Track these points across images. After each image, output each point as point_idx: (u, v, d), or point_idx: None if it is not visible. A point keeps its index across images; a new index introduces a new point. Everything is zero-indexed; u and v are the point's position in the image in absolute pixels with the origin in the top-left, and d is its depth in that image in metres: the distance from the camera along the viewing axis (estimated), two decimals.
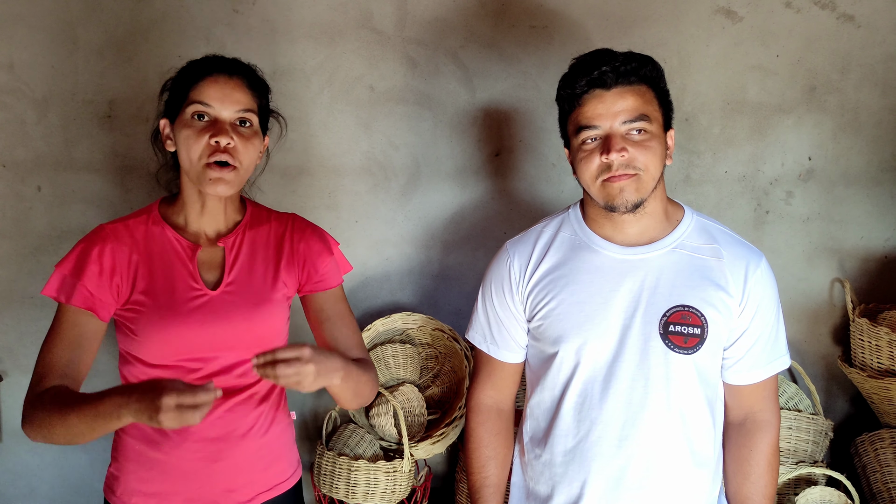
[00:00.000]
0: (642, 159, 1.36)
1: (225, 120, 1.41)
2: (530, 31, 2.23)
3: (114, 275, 1.40)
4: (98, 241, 1.42)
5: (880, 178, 2.31)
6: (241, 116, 1.43)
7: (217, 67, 1.44)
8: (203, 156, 1.40)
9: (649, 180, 1.38)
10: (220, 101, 1.41)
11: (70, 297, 1.38)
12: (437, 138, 2.28)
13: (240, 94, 1.43)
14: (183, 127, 1.42)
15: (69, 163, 2.23)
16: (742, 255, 1.44)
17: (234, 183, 1.43)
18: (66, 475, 2.40)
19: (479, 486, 1.58)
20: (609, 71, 1.35)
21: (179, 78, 1.47)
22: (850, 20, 2.23)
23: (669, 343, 1.40)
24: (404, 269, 2.36)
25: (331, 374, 1.32)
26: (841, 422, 2.44)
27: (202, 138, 1.39)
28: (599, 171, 1.38)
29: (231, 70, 1.44)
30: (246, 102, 1.44)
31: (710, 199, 2.32)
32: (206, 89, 1.41)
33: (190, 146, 1.40)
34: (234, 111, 1.42)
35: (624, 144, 1.35)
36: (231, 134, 1.40)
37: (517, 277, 1.51)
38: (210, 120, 1.41)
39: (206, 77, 1.42)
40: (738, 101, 2.27)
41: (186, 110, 1.42)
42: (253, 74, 1.49)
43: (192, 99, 1.42)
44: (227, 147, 1.40)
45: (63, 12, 2.15)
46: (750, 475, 1.49)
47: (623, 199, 1.37)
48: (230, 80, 1.43)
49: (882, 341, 2.17)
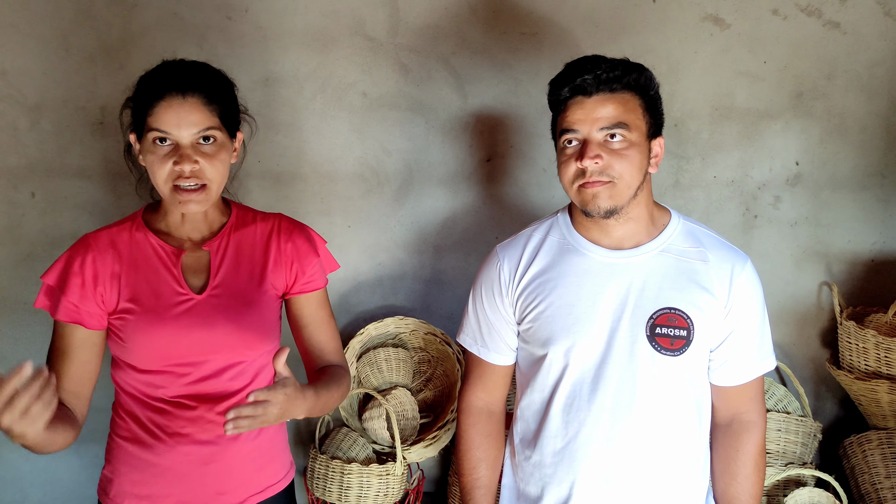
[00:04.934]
0: (618, 167, 1.37)
1: (186, 144, 1.37)
2: (521, 37, 2.25)
3: (97, 284, 1.41)
4: (80, 251, 1.42)
5: (866, 183, 2.34)
6: (203, 135, 1.39)
7: (168, 86, 1.37)
8: (168, 180, 1.38)
9: (624, 188, 1.39)
10: (176, 126, 1.36)
11: (55, 312, 1.40)
12: (429, 144, 2.30)
13: (197, 115, 1.37)
14: (147, 152, 1.40)
15: (62, 169, 2.23)
16: (727, 258, 1.46)
17: (206, 200, 1.42)
18: (58, 481, 2.40)
19: (470, 487, 1.59)
20: (590, 78, 1.37)
21: (137, 96, 1.42)
22: (836, 27, 2.26)
23: (656, 345, 1.41)
24: (397, 274, 2.38)
25: (294, 414, 1.33)
26: (829, 424, 2.46)
27: (166, 164, 1.37)
28: (575, 176, 1.40)
29: (184, 87, 1.37)
30: (204, 121, 1.38)
31: (700, 203, 2.35)
32: (161, 115, 1.36)
33: (155, 171, 1.39)
34: (193, 133, 1.37)
35: (599, 151, 1.37)
36: (194, 158, 1.37)
37: (507, 280, 1.53)
38: (171, 143, 1.38)
39: (160, 101, 1.37)
40: (727, 106, 2.30)
41: (148, 136, 1.38)
42: (209, 85, 1.42)
43: (150, 125, 1.37)
44: (193, 171, 1.38)
45: (55, 19, 2.16)
46: (737, 475, 1.51)
47: (595, 205, 1.39)
48: (184, 101, 1.37)
49: (869, 344, 2.19)
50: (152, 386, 1.44)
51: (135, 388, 1.45)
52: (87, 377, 1.43)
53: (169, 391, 1.44)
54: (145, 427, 1.45)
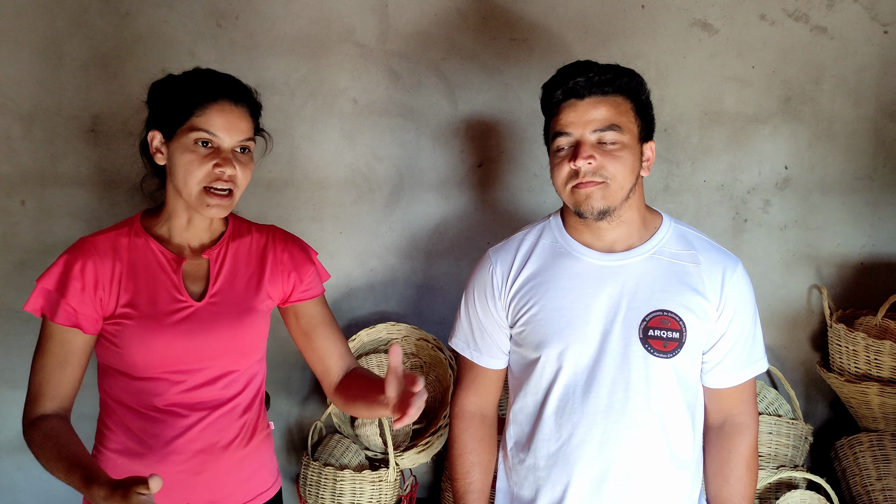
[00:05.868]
0: (611, 168, 1.39)
1: (227, 148, 1.41)
2: (511, 43, 2.27)
3: (97, 289, 1.40)
4: (80, 255, 1.41)
5: (855, 187, 2.36)
6: (243, 144, 1.43)
7: (223, 93, 1.41)
8: (203, 181, 1.39)
9: (617, 189, 1.41)
10: (226, 130, 1.39)
11: (54, 315, 1.38)
12: (420, 150, 2.31)
13: (244, 124, 1.42)
14: (185, 151, 1.39)
15: (54, 177, 2.24)
16: (719, 261, 1.47)
17: (230, 206, 1.43)
18: (51, 490, 2.39)
19: (463, 491, 1.60)
20: (583, 81, 1.39)
21: (179, 94, 1.42)
22: (823, 32, 2.28)
23: (649, 347, 1.42)
24: (388, 280, 2.38)
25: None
26: (820, 426, 2.47)
27: (205, 165, 1.39)
28: (569, 177, 1.42)
29: (237, 97, 1.42)
30: (248, 131, 1.43)
31: (690, 207, 2.36)
32: (213, 118, 1.39)
33: (192, 171, 1.39)
34: (237, 140, 1.41)
35: (592, 152, 1.39)
36: (234, 163, 1.40)
37: (499, 284, 1.53)
38: (213, 147, 1.40)
39: (212, 103, 1.39)
40: (716, 111, 2.32)
41: (189, 135, 1.39)
42: (254, 100, 1.47)
43: (196, 126, 1.38)
44: (231, 176, 1.40)
45: (48, 28, 2.17)
46: (729, 477, 1.52)
47: (589, 206, 1.41)
48: (236, 108, 1.41)
49: (859, 346, 2.20)
50: (145, 394, 1.43)
51: (126, 396, 1.44)
52: (79, 382, 1.43)
53: (162, 399, 1.43)
54: (137, 437, 1.45)
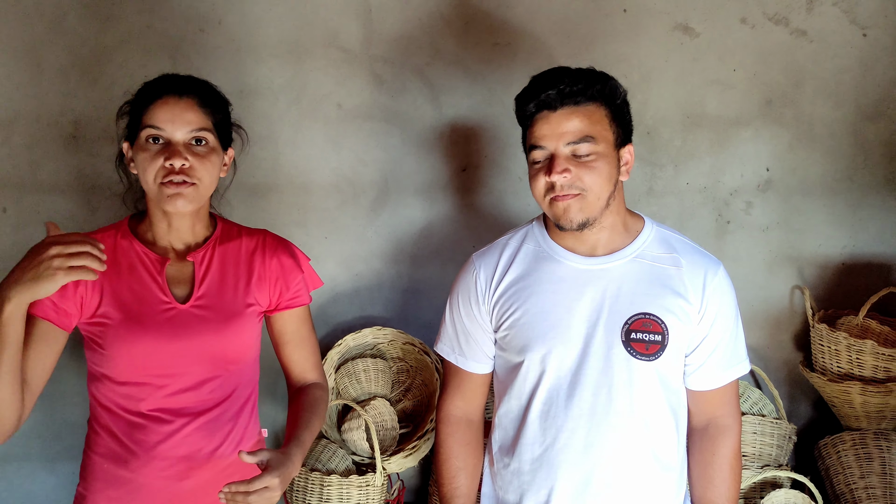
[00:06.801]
0: (587, 179, 1.39)
1: (178, 141, 1.42)
2: (494, 48, 2.27)
3: (78, 285, 1.40)
4: None
5: (836, 188, 2.38)
6: (196, 136, 1.43)
7: (167, 89, 1.44)
8: (158, 177, 1.41)
9: (594, 200, 1.41)
10: (171, 122, 1.41)
11: (33, 307, 1.37)
12: (404, 154, 2.31)
13: (191, 115, 1.43)
14: (139, 150, 1.43)
15: (35, 184, 2.21)
16: (700, 264, 1.48)
17: (194, 198, 1.43)
18: (33, 499, 2.36)
19: (449, 496, 1.60)
20: (554, 93, 1.38)
21: (135, 101, 1.47)
22: (803, 35, 2.31)
23: (631, 350, 1.43)
24: (374, 284, 2.38)
25: (293, 475, 1.37)
26: (804, 426, 2.49)
27: (157, 161, 1.40)
28: (546, 189, 1.42)
29: (181, 90, 1.44)
30: (198, 122, 1.44)
31: (673, 210, 2.38)
32: (157, 112, 1.41)
33: (146, 169, 1.41)
34: (186, 132, 1.42)
35: (567, 165, 1.38)
36: (185, 155, 1.41)
37: (483, 289, 1.54)
38: (164, 142, 1.42)
39: (157, 100, 1.42)
40: (698, 114, 2.33)
41: (141, 134, 1.42)
42: (206, 92, 1.48)
43: (144, 123, 1.42)
44: (183, 168, 1.41)
45: (27, 34, 2.15)
46: (713, 479, 1.52)
47: (568, 219, 1.41)
48: (180, 100, 1.43)
49: (841, 346, 2.22)
50: (130, 398, 1.43)
51: (112, 400, 1.44)
52: (40, 369, 1.37)
53: (146, 404, 1.43)
54: (121, 442, 1.44)
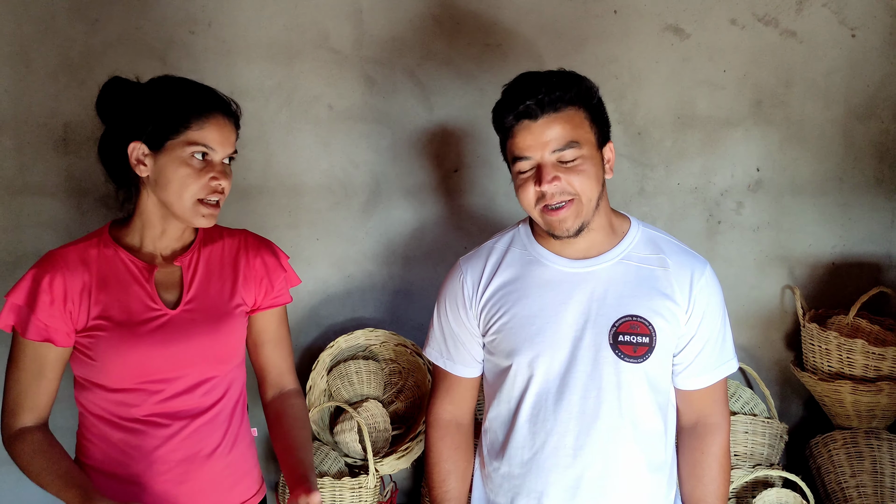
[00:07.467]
0: (577, 184, 1.39)
1: (219, 161, 1.42)
2: (485, 49, 2.27)
3: (66, 302, 1.39)
4: (48, 268, 1.40)
5: (826, 188, 2.39)
6: (231, 156, 1.45)
7: (218, 107, 1.43)
8: (200, 194, 1.41)
9: (587, 203, 1.41)
10: (221, 144, 1.41)
11: (25, 331, 1.38)
12: (396, 156, 2.31)
13: (233, 137, 1.45)
14: (180, 164, 1.39)
15: (23, 187, 2.21)
16: (687, 264, 1.48)
17: (217, 215, 1.46)
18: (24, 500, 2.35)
19: (440, 499, 1.60)
20: (534, 103, 1.37)
21: (171, 105, 1.39)
22: (793, 36, 2.31)
23: (619, 353, 1.43)
24: (366, 286, 2.38)
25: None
26: (795, 425, 2.51)
27: (202, 178, 1.40)
28: (536, 199, 1.41)
29: (229, 111, 1.45)
30: (235, 143, 1.46)
31: (664, 210, 2.38)
32: (210, 132, 1.40)
33: (188, 185, 1.39)
34: (227, 153, 1.44)
35: (555, 173, 1.38)
36: (227, 176, 1.43)
37: (470, 293, 1.53)
38: (207, 160, 1.41)
39: (209, 117, 1.40)
40: (689, 115, 2.34)
41: (186, 148, 1.38)
42: (236, 113, 1.49)
43: (193, 140, 1.39)
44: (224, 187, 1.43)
45: (15, 35, 2.14)
46: (703, 478, 1.53)
47: (563, 229, 1.41)
48: (228, 122, 1.43)
49: (831, 345, 2.23)
50: (124, 405, 1.42)
51: (105, 409, 1.43)
52: (55, 393, 1.44)
53: (141, 410, 1.42)
54: (118, 449, 1.44)
